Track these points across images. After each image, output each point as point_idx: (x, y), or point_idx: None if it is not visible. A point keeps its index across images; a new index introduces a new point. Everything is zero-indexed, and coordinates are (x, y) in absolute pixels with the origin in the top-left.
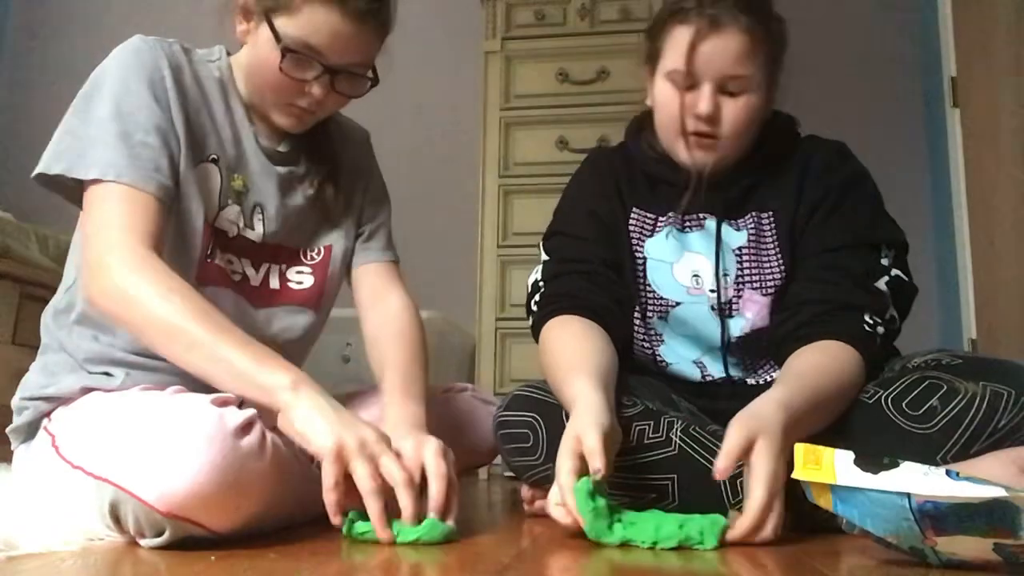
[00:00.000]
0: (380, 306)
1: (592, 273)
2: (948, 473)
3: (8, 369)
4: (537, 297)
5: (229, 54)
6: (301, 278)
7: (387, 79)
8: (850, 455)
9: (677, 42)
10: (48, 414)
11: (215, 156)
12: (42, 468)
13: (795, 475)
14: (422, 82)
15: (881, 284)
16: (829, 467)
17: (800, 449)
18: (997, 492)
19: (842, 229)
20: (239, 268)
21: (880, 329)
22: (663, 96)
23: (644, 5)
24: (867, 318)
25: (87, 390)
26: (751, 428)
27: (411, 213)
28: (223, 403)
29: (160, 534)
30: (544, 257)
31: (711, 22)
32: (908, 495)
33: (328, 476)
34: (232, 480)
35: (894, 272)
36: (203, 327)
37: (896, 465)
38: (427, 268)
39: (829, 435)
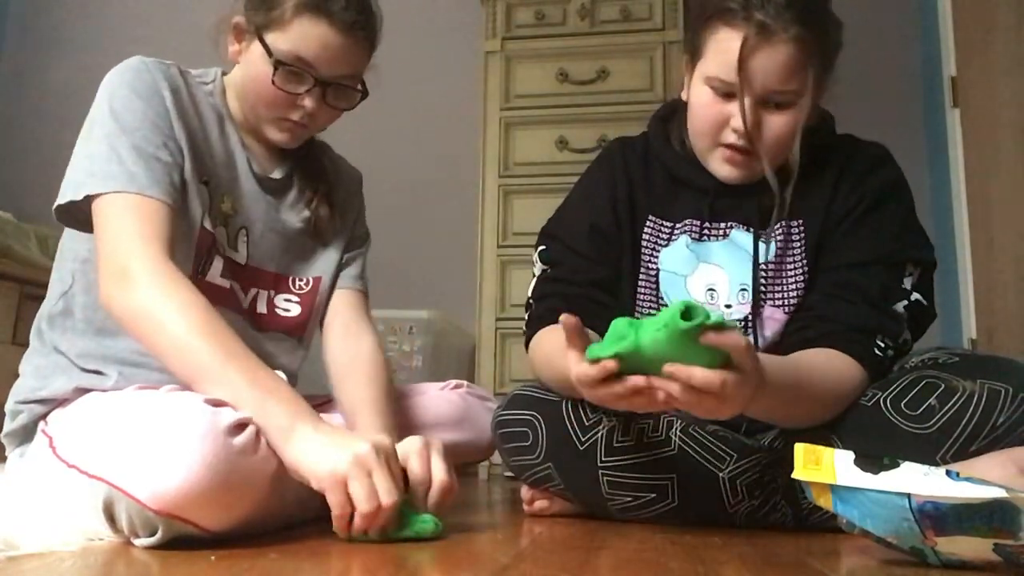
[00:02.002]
0: (352, 341)
1: (579, 297)
2: (948, 473)
3: (8, 369)
4: (527, 317)
5: (224, 73)
6: (289, 306)
7: (387, 79)
8: (850, 455)
9: (720, 47)
10: (44, 416)
11: (207, 178)
12: (40, 470)
13: (795, 475)
14: (422, 82)
15: (899, 307)
16: (829, 467)
17: (800, 449)
18: (997, 493)
19: (865, 244)
20: (236, 288)
21: (890, 352)
22: (700, 102)
23: (644, 5)
24: (879, 341)
25: (81, 390)
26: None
27: (411, 213)
28: (216, 402)
29: (153, 533)
30: (538, 267)
31: (759, 30)
32: (908, 495)
33: (334, 505)
34: (224, 478)
35: (914, 297)
36: (214, 349)
37: (896, 465)
38: (427, 268)
39: (828, 435)
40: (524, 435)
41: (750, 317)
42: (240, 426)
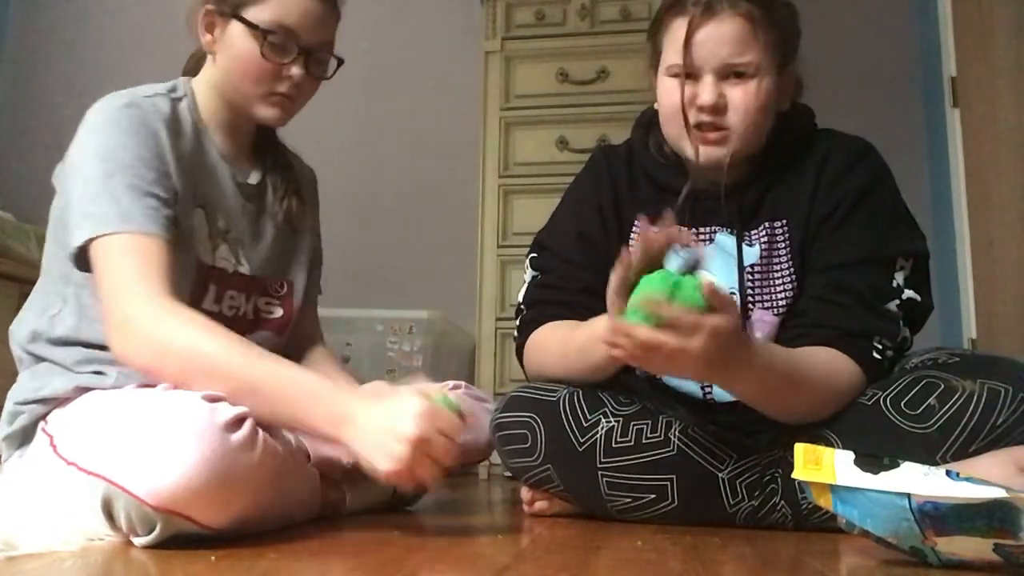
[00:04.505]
0: (307, 343)
1: (571, 304)
2: (948, 473)
3: (8, 369)
4: (518, 322)
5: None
6: (271, 308)
7: (387, 79)
8: (850, 455)
9: (675, 35)
10: (44, 416)
11: (202, 202)
12: (40, 469)
13: (795, 475)
14: (422, 82)
15: (891, 306)
16: (829, 467)
17: (800, 449)
18: (997, 493)
19: (854, 243)
20: (238, 303)
21: (889, 353)
22: (665, 91)
23: (644, 5)
24: (876, 343)
25: (81, 389)
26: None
27: (411, 213)
28: (214, 399)
29: (151, 530)
30: (529, 274)
31: (705, 9)
32: (908, 495)
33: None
34: (221, 474)
35: (906, 295)
36: (239, 365)
37: (896, 465)
38: (427, 268)
39: (827, 435)
40: (523, 437)
41: (743, 321)
42: (238, 421)
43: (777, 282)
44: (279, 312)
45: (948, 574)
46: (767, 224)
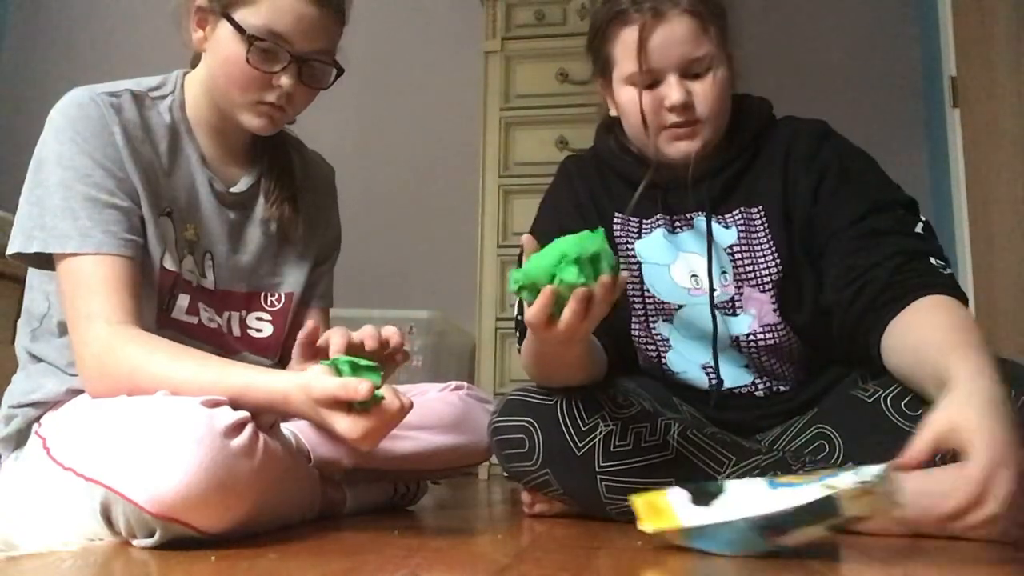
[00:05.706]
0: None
1: None
2: (769, 483)
3: (8, 369)
4: (518, 334)
5: (191, 68)
6: (261, 325)
7: (387, 79)
8: (684, 493)
9: (626, 44)
10: (38, 419)
11: (169, 209)
12: (35, 473)
13: (642, 528)
14: (422, 82)
15: (919, 229)
16: (668, 512)
17: (639, 503)
18: (820, 493)
19: (860, 198)
20: (212, 316)
21: (948, 271)
22: (628, 100)
23: None
24: (934, 262)
25: (73, 392)
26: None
27: (411, 213)
28: (214, 404)
29: (151, 535)
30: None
31: (654, 14)
32: (745, 519)
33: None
34: (221, 481)
35: (922, 219)
36: (192, 368)
37: (722, 490)
38: (427, 268)
39: (830, 433)
40: (520, 442)
41: (736, 297)
42: (238, 427)
43: (760, 262)
44: (268, 330)
45: (934, 570)
46: (742, 209)
